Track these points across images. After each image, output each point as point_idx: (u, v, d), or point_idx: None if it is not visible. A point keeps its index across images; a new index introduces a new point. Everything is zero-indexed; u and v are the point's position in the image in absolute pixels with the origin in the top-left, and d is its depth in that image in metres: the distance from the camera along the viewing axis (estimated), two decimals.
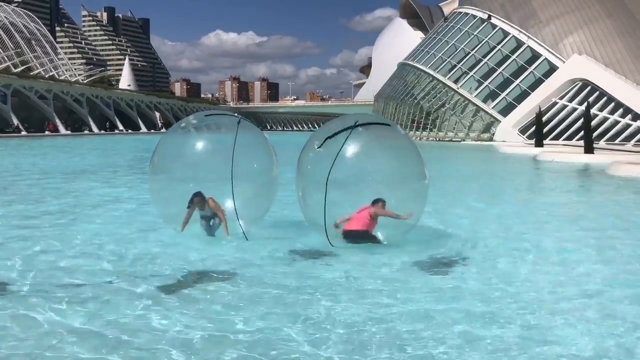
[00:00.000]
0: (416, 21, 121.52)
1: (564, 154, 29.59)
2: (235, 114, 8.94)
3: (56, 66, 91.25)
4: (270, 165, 8.66)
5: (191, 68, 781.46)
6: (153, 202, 8.98)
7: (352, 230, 7.94)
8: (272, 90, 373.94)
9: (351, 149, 7.92)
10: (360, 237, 7.88)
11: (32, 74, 78.34)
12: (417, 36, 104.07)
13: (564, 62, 51.70)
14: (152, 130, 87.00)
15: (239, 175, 8.26)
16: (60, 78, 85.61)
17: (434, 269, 6.83)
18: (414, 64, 60.90)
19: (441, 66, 57.82)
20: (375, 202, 7.90)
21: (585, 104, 35.93)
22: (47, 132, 65.74)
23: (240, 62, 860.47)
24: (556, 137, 47.36)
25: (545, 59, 52.93)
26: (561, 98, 50.52)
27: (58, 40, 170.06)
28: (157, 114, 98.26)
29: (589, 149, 29.01)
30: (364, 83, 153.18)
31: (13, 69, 74.37)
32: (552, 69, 52.36)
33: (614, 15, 53.13)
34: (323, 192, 7.86)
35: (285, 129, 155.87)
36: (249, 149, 8.63)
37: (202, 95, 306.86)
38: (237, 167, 8.20)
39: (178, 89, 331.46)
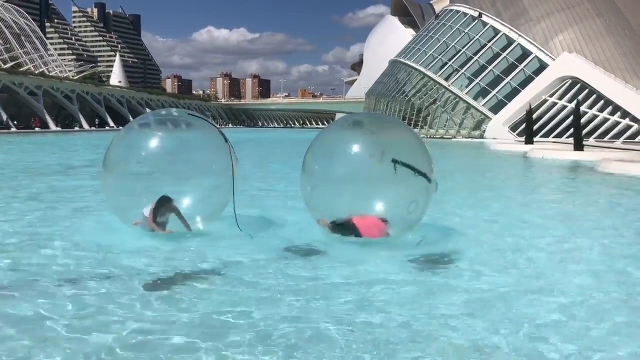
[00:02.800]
0: (407, 19, 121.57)
1: (553, 151, 29.84)
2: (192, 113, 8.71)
3: (46, 62, 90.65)
4: (226, 161, 8.30)
5: (182, 64, 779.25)
6: (106, 200, 8.81)
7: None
8: (264, 87, 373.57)
9: (355, 147, 8.08)
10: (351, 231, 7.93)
11: (21, 70, 77.79)
12: (408, 33, 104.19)
13: (554, 59, 52.02)
14: None
15: (194, 171, 8.36)
16: (51, 74, 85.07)
17: (424, 266, 6.90)
18: (405, 61, 61.04)
19: (432, 63, 58.00)
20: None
21: (575, 101, 36.22)
22: (36, 129, 65.32)
23: (232, 58, 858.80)
24: (546, 135, 47.74)
25: (536, 56, 53.24)
26: (551, 95, 50.86)
27: (48, 36, 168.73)
28: (148, 111, 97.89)
29: (578, 146, 29.25)
30: (355, 80, 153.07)
31: (2, 65, 73.81)
32: (542, 66, 52.67)
33: (603, 14, 53.50)
34: (332, 190, 8.02)
35: (277, 125, 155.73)
36: (203, 145, 8.55)
37: (194, 92, 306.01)
38: (190, 164, 8.30)
39: (169, 85, 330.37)
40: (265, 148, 40.86)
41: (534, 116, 45.04)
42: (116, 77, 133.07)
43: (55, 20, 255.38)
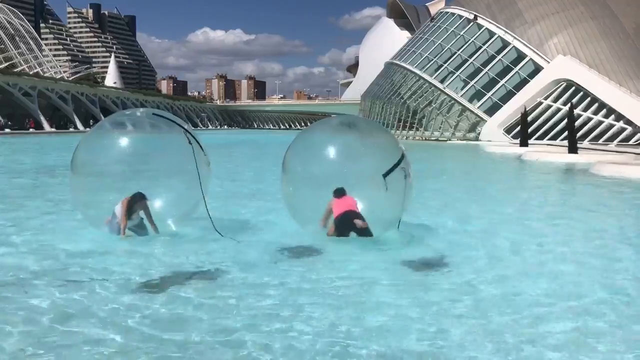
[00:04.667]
0: (403, 21, 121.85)
1: (548, 153, 29.93)
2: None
3: (41, 63, 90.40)
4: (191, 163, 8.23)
5: (178, 66, 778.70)
6: (73, 201, 8.80)
7: (353, 211, 8.04)
8: (259, 89, 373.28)
9: (333, 149, 8.27)
10: (355, 218, 8.00)
11: (16, 70, 77.53)
12: (403, 36, 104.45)
13: (549, 62, 52.20)
14: None
15: (164, 172, 8.39)
16: (45, 75, 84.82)
17: (418, 267, 6.90)
18: (401, 64, 61.11)
19: (427, 66, 58.09)
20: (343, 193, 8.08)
21: (569, 104, 36.32)
22: (30, 130, 65.10)
23: (228, 60, 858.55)
24: (541, 137, 47.86)
25: (531, 59, 53.40)
26: (546, 98, 51.02)
27: (43, 37, 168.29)
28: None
29: (572, 149, 29.35)
30: (351, 82, 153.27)
31: None
32: (537, 69, 52.84)
33: (597, 17, 53.73)
34: (315, 190, 8.11)
35: (272, 127, 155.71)
36: (171, 146, 8.53)
37: (189, 93, 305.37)
38: (160, 164, 8.35)
39: (165, 86, 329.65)
40: (258, 150, 40.79)
41: (529, 119, 45.17)
42: (111, 78, 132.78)
43: (50, 21, 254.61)
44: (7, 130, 60.74)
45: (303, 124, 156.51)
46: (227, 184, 16.11)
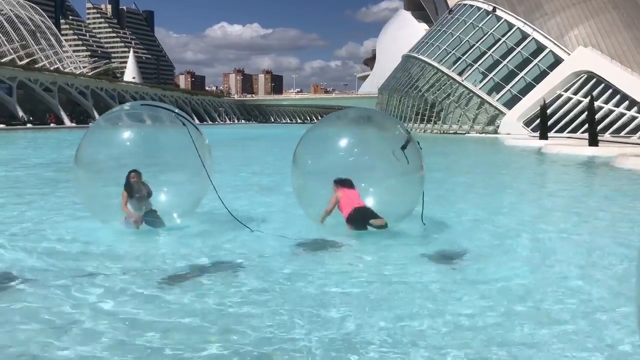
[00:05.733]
0: (421, 13, 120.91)
1: (568, 146, 29.53)
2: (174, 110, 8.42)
3: (61, 59, 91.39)
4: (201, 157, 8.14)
5: (196, 60, 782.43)
6: (78, 195, 8.74)
7: (367, 208, 8.05)
8: (276, 83, 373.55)
9: (343, 141, 8.34)
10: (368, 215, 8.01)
11: (37, 66, 78.52)
12: (421, 28, 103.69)
13: (569, 54, 51.47)
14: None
15: (169, 165, 8.39)
16: (65, 70, 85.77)
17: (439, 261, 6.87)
18: (419, 56, 60.73)
19: (446, 58, 57.65)
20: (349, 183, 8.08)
21: (590, 96, 35.79)
22: (51, 125, 65.97)
23: (245, 54, 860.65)
24: (561, 130, 47.26)
25: (551, 51, 52.71)
26: (566, 90, 50.33)
27: (63, 32, 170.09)
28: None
29: (593, 142, 28.93)
30: (368, 75, 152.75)
31: (18, 62, 74.52)
32: (557, 61, 52.14)
33: (619, 7, 52.81)
34: (324, 184, 8.12)
35: (289, 121, 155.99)
36: (173, 137, 8.44)
37: (207, 88, 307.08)
38: (165, 158, 8.35)
39: (183, 81, 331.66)
40: (275, 142, 40.83)
41: (549, 111, 44.63)
42: (130, 73, 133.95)
43: (70, 17, 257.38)
44: (28, 125, 61.61)
45: (320, 118, 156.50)
46: (244, 177, 16.19)
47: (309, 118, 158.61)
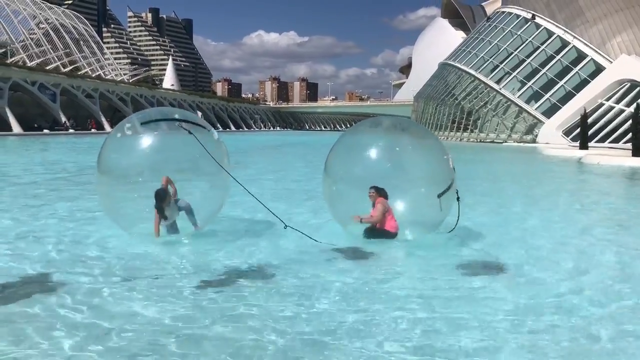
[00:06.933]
0: (458, 21, 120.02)
1: (610, 157, 28.73)
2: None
3: (102, 66, 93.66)
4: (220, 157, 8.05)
5: (233, 68, 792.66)
6: (101, 204, 8.67)
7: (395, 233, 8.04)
8: (311, 90, 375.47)
9: (375, 151, 8.26)
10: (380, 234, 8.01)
11: (79, 73, 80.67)
12: (458, 36, 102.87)
13: (612, 62, 50.20)
14: None
15: (193, 170, 8.32)
16: (106, 77, 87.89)
17: (467, 271, 6.74)
18: (455, 64, 60.18)
19: (483, 66, 56.97)
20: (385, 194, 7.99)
21: (635, 105, 34.75)
22: (92, 130, 67.64)
23: (281, 62, 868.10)
24: (602, 140, 45.97)
25: (592, 59, 51.53)
26: (608, 99, 49.05)
27: (104, 40, 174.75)
28: (200, 114, 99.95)
29: (637, 152, 28.05)
30: (403, 83, 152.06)
31: (62, 69, 76.72)
32: (599, 69, 50.91)
33: None
34: (357, 191, 8.08)
35: (323, 128, 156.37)
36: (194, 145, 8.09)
37: (243, 95, 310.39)
38: (190, 163, 8.27)
39: (220, 88, 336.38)
40: (308, 150, 40.93)
41: (589, 120, 43.55)
42: (169, 80, 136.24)
43: (112, 25, 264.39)
44: (71, 130, 63.30)
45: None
46: (282, 183, 16.24)
47: (343, 125, 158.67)
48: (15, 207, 10.96)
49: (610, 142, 44.94)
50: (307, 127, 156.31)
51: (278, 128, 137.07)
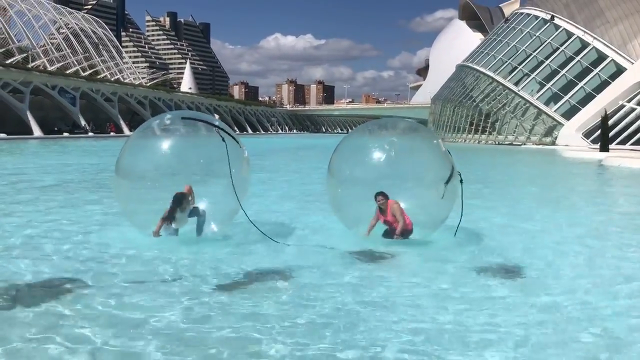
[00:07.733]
0: (475, 22, 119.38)
1: (631, 159, 28.26)
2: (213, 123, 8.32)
3: (121, 70, 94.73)
4: (239, 166, 8.14)
5: (250, 71, 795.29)
6: (119, 204, 8.74)
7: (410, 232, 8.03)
8: (328, 93, 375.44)
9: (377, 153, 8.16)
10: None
11: (99, 77, 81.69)
12: (476, 38, 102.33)
13: (633, 63, 49.47)
14: None
15: (210, 174, 8.33)
16: (125, 81, 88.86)
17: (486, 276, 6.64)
18: (473, 66, 59.80)
19: (501, 68, 56.53)
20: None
21: None
22: (111, 133, 68.36)
23: (298, 65, 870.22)
24: (623, 142, 45.28)
25: (612, 60, 50.84)
26: (629, 101, 48.34)
27: (123, 44, 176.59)
28: (217, 116, 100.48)
29: None
30: (420, 85, 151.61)
31: (82, 73, 77.73)
32: (620, 70, 50.21)
33: None
34: (361, 192, 8.07)
35: (340, 131, 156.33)
36: (210, 149, 8.22)
37: (260, 98, 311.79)
38: (205, 167, 8.31)
39: (237, 91, 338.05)
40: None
41: (610, 122, 42.95)
42: (186, 83, 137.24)
43: (130, 30, 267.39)
44: (90, 133, 64.05)
45: None
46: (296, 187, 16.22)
47: None
48: (32, 209, 11.07)
49: (632, 144, 44.28)
50: (324, 130, 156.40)
51: (295, 131, 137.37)
